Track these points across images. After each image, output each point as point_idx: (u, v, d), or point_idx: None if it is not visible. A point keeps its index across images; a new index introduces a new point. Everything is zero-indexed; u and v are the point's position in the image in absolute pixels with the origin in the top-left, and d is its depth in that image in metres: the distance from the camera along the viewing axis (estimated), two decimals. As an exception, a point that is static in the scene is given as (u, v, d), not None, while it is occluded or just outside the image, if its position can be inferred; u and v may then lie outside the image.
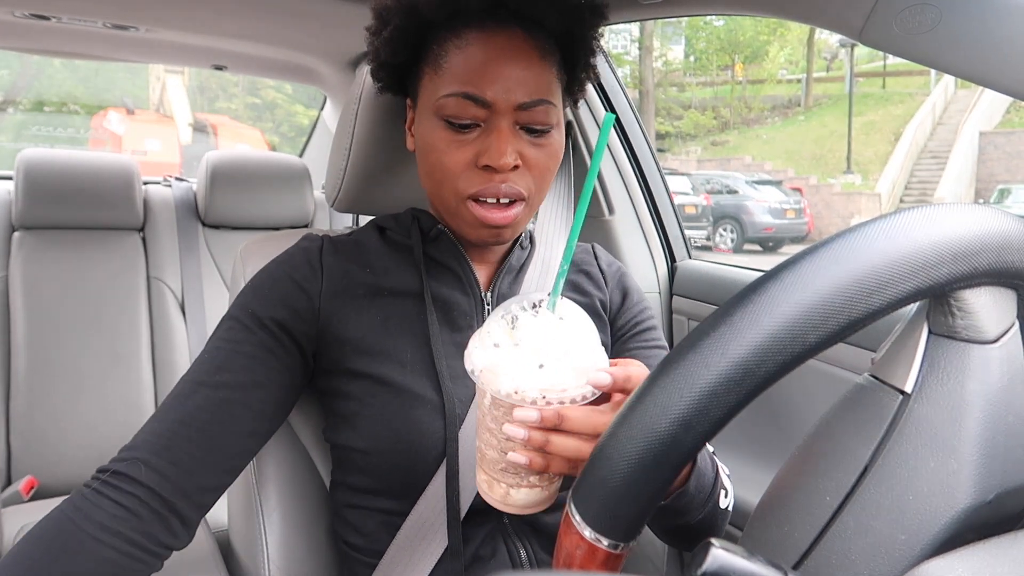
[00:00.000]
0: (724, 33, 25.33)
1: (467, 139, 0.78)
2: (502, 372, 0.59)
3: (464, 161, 0.78)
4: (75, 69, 12.36)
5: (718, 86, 26.35)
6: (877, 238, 0.38)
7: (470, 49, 0.78)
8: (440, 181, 0.80)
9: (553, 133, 0.81)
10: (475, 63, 0.77)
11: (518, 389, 0.58)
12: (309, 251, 0.85)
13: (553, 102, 0.80)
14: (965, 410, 0.39)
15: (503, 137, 0.77)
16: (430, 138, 0.80)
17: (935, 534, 0.38)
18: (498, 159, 0.76)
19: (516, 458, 0.61)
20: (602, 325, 0.93)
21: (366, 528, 0.84)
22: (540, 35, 0.80)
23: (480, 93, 0.76)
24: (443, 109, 0.78)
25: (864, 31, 0.83)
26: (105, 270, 1.92)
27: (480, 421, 0.64)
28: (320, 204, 2.24)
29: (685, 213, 13.00)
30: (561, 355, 0.59)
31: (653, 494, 0.42)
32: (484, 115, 0.77)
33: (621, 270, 1.00)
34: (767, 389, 0.39)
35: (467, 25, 0.79)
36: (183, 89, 11.16)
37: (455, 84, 0.77)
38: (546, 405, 0.59)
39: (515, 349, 0.59)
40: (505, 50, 0.78)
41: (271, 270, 0.84)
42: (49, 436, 1.78)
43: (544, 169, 0.81)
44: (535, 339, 0.59)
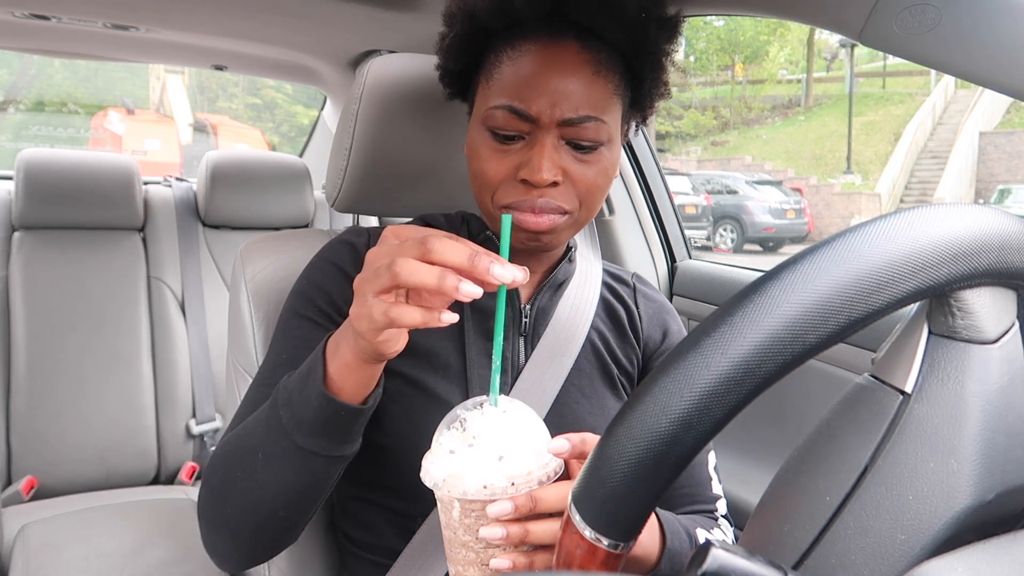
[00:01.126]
0: (724, 33, 25.33)
1: (510, 150, 0.78)
2: (466, 474, 0.58)
3: (504, 172, 0.78)
4: (75, 69, 12.35)
5: (718, 86, 26.35)
6: (877, 238, 0.38)
7: (521, 61, 0.77)
8: (479, 188, 0.80)
9: (602, 150, 0.79)
10: (523, 76, 0.76)
11: (487, 484, 0.58)
12: (356, 246, 0.86)
13: (603, 119, 0.77)
14: (965, 410, 0.39)
15: (543, 152, 0.75)
16: (476, 146, 0.80)
17: (935, 534, 0.38)
18: (535, 174, 0.75)
19: (500, 564, 0.60)
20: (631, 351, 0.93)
21: (369, 521, 0.84)
22: (599, 48, 0.77)
23: (524, 107, 0.75)
24: (489, 120, 0.77)
25: (864, 31, 0.83)
26: (105, 270, 1.92)
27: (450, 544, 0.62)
28: (320, 204, 2.24)
29: (685, 213, 13.00)
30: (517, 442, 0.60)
31: (653, 494, 0.42)
32: (528, 128, 0.76)
33: (662, 308, 0.97)
34: (767, 389, 0.39)
35: (524, 36, 0.78)
36: (183, 89, 11.16)
37: (502, 96, 0.77)
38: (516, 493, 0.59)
39: (472, 449, 0.59)
40: (555, 63, 0.76)
41: (318, 264, 0.85)
42: (49, 436, 1.78)
43: (591, 186, 0.79)
44: (489, 434, 0.59)
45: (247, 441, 0.71)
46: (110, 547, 1.40)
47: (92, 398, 1.83)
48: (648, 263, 1.62)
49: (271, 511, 0.70)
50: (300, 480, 0.69)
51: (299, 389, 0.67)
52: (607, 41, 0.78)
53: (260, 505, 0.70)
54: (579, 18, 0.77)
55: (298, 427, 0.66)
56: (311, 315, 0.82)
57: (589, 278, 0.93)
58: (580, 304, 0.90)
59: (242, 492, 0.70)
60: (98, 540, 1.42)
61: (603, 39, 0.78)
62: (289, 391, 0.68)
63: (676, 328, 0.96)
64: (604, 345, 0.91)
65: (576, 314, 0.89)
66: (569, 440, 0.62)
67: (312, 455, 0.67)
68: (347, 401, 0.66)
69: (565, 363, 0.86)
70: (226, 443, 0.74)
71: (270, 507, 0.70)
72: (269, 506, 0.70)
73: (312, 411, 0.66)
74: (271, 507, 0.70)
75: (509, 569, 0.60)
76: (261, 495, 0.69)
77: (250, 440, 0.70)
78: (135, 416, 1.86)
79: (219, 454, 0.74)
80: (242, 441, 0.71)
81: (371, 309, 0.59)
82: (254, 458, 0.69)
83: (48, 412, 1.79)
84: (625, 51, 0.79)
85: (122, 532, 1.45)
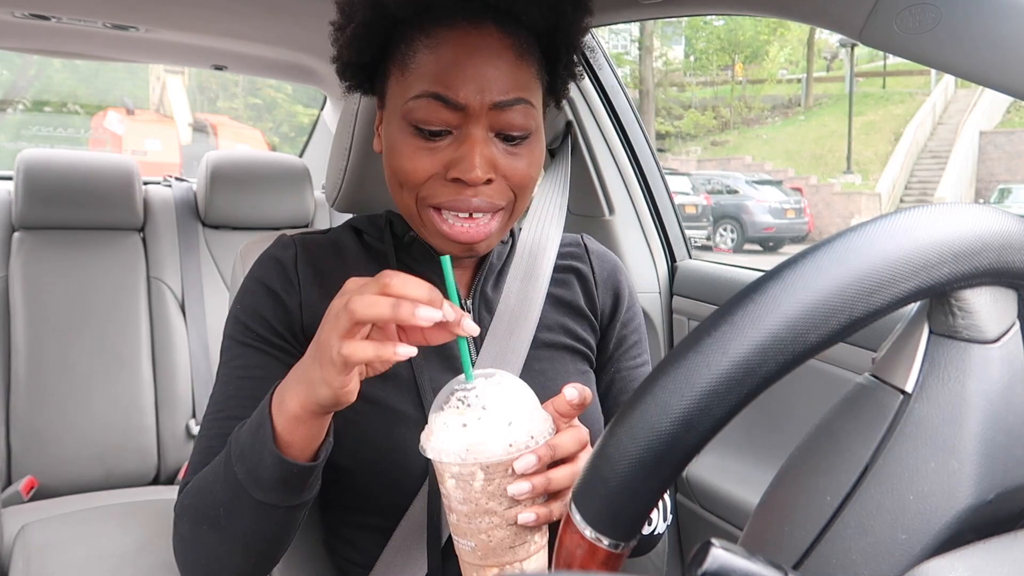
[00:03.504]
0: (724, 33, 25.33)
1: (437, 147, 0.73)
2: (488, 439, 0.60)
3: (431, 170, 0.73)
4: (75, 69, 12.35)
5: (718, 86, 26.35)
6: (878, 238, 0.38)
7: (441, 48, 0.72)
8: (401, 185, 0.75)
9: (532, 140, 0.76)
10: (446, 62, 0.72)
11: (512, 443, 0.60)
12: (283, 262, 0.82)
13: (532, 102, 0.74)
14: (965, 410, 0.39)
15: (475, 148, 0.71)
16: (395, 143, 0.75)
17: (935, 534, 0.38)
18: (469, 171, 0.71)
19: (527, 518, 0.62)
20: (586, 324, 0.91)
21: (359, 542, 0.84)
22: (518, 32, 0.75)
23: (451, 94, 0.71)
24: (412, 113, 0.72)
25: (864, 31, 0.83)
26: (105, 270, 1.92)
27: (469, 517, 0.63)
28: (320, 204, 2.24)
29: (685, 213, 12.99)
30: (520, 406, 0.63)
31: (654, 493, 0.41)
32: (456, 120, 0.72)
33: (615, 268, 0.94)
34: (768, 389, 0.39)
35: (437, 23, 0.73)
36: (183, 89, 11.16)
37: (424, 84, 0.72)
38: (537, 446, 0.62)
39: (482, 420, 0.61)
40: (479, 48, 0.72)
41: (249, 286, 0.82)
42: (49, 436, 1.78)
43: (524, 177, 0.75)
44: (495, 403, 0.62)
45: (207, 496, 0.70)
46: (110, 547, 1.40)
47: (92, 398, 1.83)
48: (648, 263, 1.62)
49: (243, 557, 0.71)
50: (264, 529, 0.69)
51: (250, 445, 0.66)
52: (524, 24, 0.75)
53: (232, 554, 0.71)
54: (497, 1, 0.73)
55: (254, 483, 0.66)
56: (250, 341, 0.79)
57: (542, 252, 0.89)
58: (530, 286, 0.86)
59: (211, 544, 0.71)
60: (98, 540, 1.42)
61: (520, 22, 0.75)
62: (241, 446, 0.67)
63: (627, 289, 0.94)
64: (560, 318, 0.88)
65: (526, 295, 0.86)
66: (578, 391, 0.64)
67: (272, 507, 0.67)
68: (298, 457, 0.65)
69: (520, 348, 0.83)
70: (189, 494, 0.74)
71: (241, 555, 0.71)
72: (240, 554, 0.71)
73: (266, 469, 0.65)
74: (242, 554, 0.71)
75: (535, 521, 0.62)
76: (230, 546, 0.70)
77: (210, 495, 0.70)
78: (135, 416, 1.86)
79: (185, 505, 0.74)
80: (203, 495, 0.71)
81: (329, 350, 0.58)
82: (216, 513, 0.69)
83: (48, 412, 1.79)
84: (542, 33, 0.77)
85: (122, 532, 1.45)
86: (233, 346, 0.80)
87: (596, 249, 0.96)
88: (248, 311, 0.81)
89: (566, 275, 0.91)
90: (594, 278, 0.92)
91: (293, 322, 0.80)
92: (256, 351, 0.79)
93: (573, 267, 0.92)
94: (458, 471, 0.61)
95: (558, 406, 0.65)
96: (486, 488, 0.61)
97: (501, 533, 0.63)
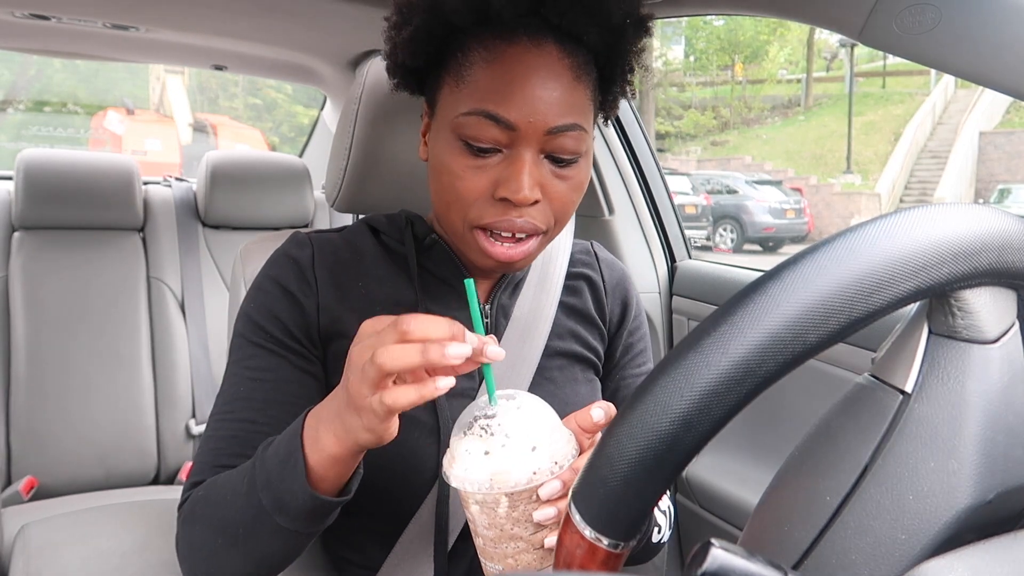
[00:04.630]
0: (724, 33, 25.33)
1: (486, 164, 0.71)
2: (512, 468, 0.60)
3: (479, 189, 0.72)
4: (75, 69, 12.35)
5: (718, 86, 26.34)
6: (878, 238, 0.38)
7: (497, 63, 0.70)
8: (449, 204, 0.74)
9: (581, 163, 0.74)
10: (502, 79, 0.70)
11: (536, 470, 0.60)
12: (300, 262, 0.81)
13: (585, 127, 0.73)
14: (965, 410, 0.39)
15: (525, 168, 0.70)
16: (445, 158, 0.73)
17: (935, 534, 0.38)
18: (517, 192, 0.69)
19: (553, 542, 0.61)
20: (595, 332, 0.91)
21: (362, 545, 0.84)
22: (577, 51, 0.73)
23: (504, 113, 0.69)
24: (462, 128, 0.71)
25: (864, 31, 0.83)
26: (105, 270, 1.92)
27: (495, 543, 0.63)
28: (320, 204, 2.24)
29: (685, 213, 12.99)
30: (543, 431, 0.62)
31: (653, 493, 0.41)
32: (507, 140, 0.70)
33: (624, 277, 0.95)
34: (767, 388, 0.39)
35: (496, 35, 0.71)
36: (183, 89, 11.16)
37: (477, 101, 0.70)
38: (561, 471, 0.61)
39: (506, 448, 0.60)
40: (536, 68, 0.70)
41: (263, 285, 0.81)
42: (49, 436, 1.78)
43: (567, 202, 0.74)
44: (518, 431, 0.61)
45: (225, 513, 0.69)
46: (110, 547, 1.40)
47: (92, 398, 1.83)
48: (648, 263, 1.62)
49: (255, 568, 0.71)
50: (283, 549, 0.69)
51: (279, 476, 0.64)
52: (584, 44, 0.73)
53: (245, 565, 0.70)
54: (559, 20, 0.71)
55: (280, 512, 0.65)
56: (263, 342, 0.78)
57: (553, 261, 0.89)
58: (543, 294, 0.87)
59: (225, 559, 0.70)
60: (98, 540, 1.42)
61: (581, 42, 0.73)
62: (268, 474, 0.65)
63: (635, 297, 0.94)
64: (571, 325, 0.89)
65: (539, 303, 0.86)
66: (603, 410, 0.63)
67: (295, 532, 0.66)
68: (330, 491, 0.65)
69: (533, 356, 0.84)
70: (201, 502, 0.72)
71: (254, 566, 0.70)
72: (253, 565, 0.70)
73: (295, 501, 0.64)
74: (255, 566, 0.70)
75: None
76: (244, 562, 0.70)
77: (228, 512, 0.69)
78: (135, 416, 1.86)
79: (196, 514, 0.73)
80: (219, 509, 0.70)
81: (370, 405, 0.57)
82: (235, 531, 0.68)
83: (48, 412, 1.79)
84: (599, 54, 0.75)
85: (122, 532, 1.45)
86: (245, 345, 0.79)
87: (606, 257, 0.96)
88: (263, 311, 0.79)
89: (577, 282, 0.92)
90: (604, 286, 0.93)
91: (310, 325, 0.79)
92: (269, 353, 0.78)
93: (584, 275, 0.93)
94: (482, 498, 0.61)
95: (582, 422, 0.64)
96: (511, 514, 0.61)
97: (528, 557, 0.63)
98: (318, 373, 0.80)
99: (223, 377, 0.80)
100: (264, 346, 0.78)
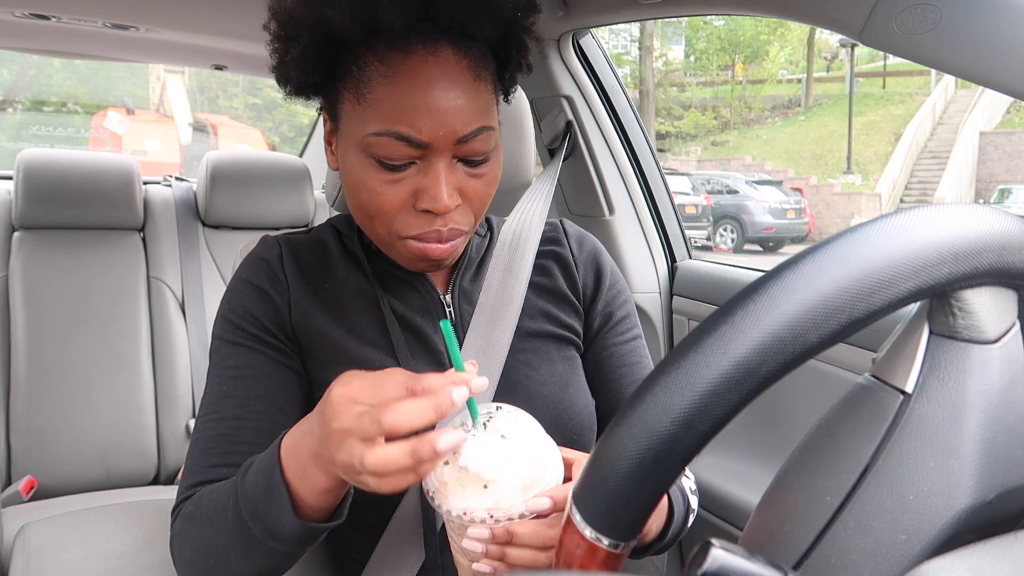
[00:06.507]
0: (724, 33, 25.33)
1: (402, 177, 0.72)
2: (451, 494, 0.59)
3: (399, 202, 0.73)
4: (75, 69, 12.36)
5: (718, 86, 26.35)
6: (878, 238, 0.38)
7: (397, 78, 0.69)
8: (372, 218, 0.75)
9: (492, 159, 0.75)
10: (404, 96, 0.69)
11: (466, 511, 0.59)
12: (270, 261, 0.83)
13: (492, 126, 0.74)
14: (965, 410, 0.39)
15: (441, 177, 0.71)
16: (359, 175, 0.73)
17: (935, 534, 0.38)
18: (438, 203, 0.71)
19: (481, 568, 0.61)
20: (569, 309, 0.90)
21: (355, 539, 0.84)
22: (471, 49, 0.73)
23: (414, 133, 0.69)
24: (373, 148, 0.71)
25: (864, 31, 0.83)
26: (105, 270, 1.92)
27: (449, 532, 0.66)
28: (320, 204, 2.24)
29: (685, 213, 12.99)
30: (506, 473, 0.59)
31: (654, 494, 0.41)
32: (419, 154, 0.71)
33: (595, 249, 0.94)
34: (768, 389, 0.39)
35: (390, 45, 0.70)
36: (183, 89, 11.17)
37: (385, 122, 0.70)
38: (495, 523, 0.59)
39: (460, 471, 0.59)
40: (437, 79, 0.70)
41: (236, 286, 0.82)
42: (49, 436, 1.78)
43: (484, 197, 0.76)
44: (478, 462, 0.59)
45: (217, 536, 0.69)
46: (110, 547, 1.40)
47: (92, 398, 1.83)
48: (648, 263, 1.62)
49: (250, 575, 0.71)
50: (278, 565, 0.69)
51: (265, 508, 0.64)
52: (477, 40, 0.74)
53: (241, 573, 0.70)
54: (451, 22, 0.71)
55: (272, 538, 0.65)
56: (241, 340, 0.79)
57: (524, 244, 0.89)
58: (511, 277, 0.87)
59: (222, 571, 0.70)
60: (98, 540, 1.42)
61: (475, 38, 0.73)
62: (254, 504, 0.65)
63: (609, 267, 0.93)
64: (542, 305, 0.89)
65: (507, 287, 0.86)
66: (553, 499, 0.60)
67: (289, 553, 0.67)
68: (319, 517, 0.66)
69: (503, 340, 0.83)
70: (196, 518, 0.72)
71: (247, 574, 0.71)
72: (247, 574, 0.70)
73: (286, 531, 0.64)
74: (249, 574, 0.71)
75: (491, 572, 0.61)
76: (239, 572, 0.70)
77: (219, 536, 0.69)
78: (135, 416, 1.86)
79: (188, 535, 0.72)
80: (210, 534, 0.70)
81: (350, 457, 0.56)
82: (227, 553, 0.68)
83: (48, 412, 1.79)
84: (494, 44, 0.76)
85: (122, 532, 1.45)
86: (223, 346, 0.80)
87: (574, 231, 0.95)
88: (237, 310, 0.80)
89: (546, 261, 0.91)
90: (574, 260, 0.92)
91: (283, 321, 0.81)
92: (247, 350, 0.79)
93: (553, 252, 0.92)
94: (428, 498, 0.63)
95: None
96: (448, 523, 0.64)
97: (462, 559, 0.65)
98: (296, 367, 0.81)
99: (206, 381, 0.81)
100: (242, 344, 0.79)
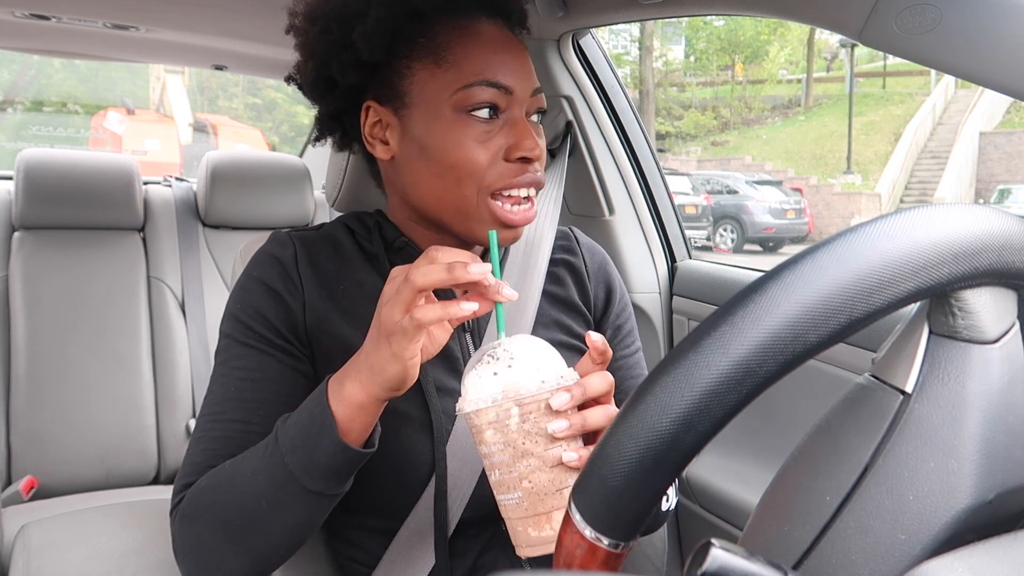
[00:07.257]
0: (724, 33, 25.33)
1: (492, 131, 0.76)
2: (519, 380, 0.63)
3: (492, 155, 0.75)
4: (75, 69, 12.36)
5: (718, 86, 26.35)
6: (878, 238, 0.38)
7: (474, 38, 0.77)
8: (460, 180, 0.75)
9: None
10: (484, 53, 0.76)
11: (543, 379, 0.63)
12: (283, 261, 0.81)
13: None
14: (965, 410, 0.39)
15: (527, 126, 0.76)
16: (451, 135, 0.75)
17: (935, 534, 0.38)
18: (534, 149, 0.75)
19: (571, 456, 0.63)
20: (580, 320, 0.91)
21: (362, 542, 0.84)
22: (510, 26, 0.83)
23: (503, 79, 0.75)
24: (466, 100, 0.74)
25: (864, 31, 0.83)
26: (105, 270, 1.92)
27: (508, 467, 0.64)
28: (320, 204, 2.24)
29: (685, 213, 12.99)
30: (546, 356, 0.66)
31: (654, 493, 0.42)
32: (505, 104, 0.76)
33: (605, 261, 0.96)
34: (767, 389, 0.39)
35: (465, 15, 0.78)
36: (183, 89, 11.17)
37: (470, 75, 0.75)
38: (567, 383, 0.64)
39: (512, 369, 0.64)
40: (503, 39, 0.79)
41: (248, 284, 0.81)
42: (49, 436, 1.78)
43: (544, 153, 0.80)
44: (522, 354, 0.65)
45: (245, 489, 0.70)
46: (110, 547, 1.40)
47: (92, 398, 1.83)
48: (648, 263, 1.62)
49: (272, 550, 0.72)
50: (304, 519, 0.70)
51: (305, 436, 0.67)
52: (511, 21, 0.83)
53: (262, 546, 0.71)
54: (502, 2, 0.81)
55: (307, 472, 0.67)
56: (251, 341, 0.78)
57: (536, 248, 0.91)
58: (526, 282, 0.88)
59: (241, 538, 0.71)
60: (98, 540, 1.42)
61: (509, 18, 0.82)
62: (292, 439, 0.68)
63: (617, 279, 0.96)
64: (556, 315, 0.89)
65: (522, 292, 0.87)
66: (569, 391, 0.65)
67: (319, 495, 0.69)
68: (356, 444, 0.68)
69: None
70: (206, 492, 0.73)
71: (271, 547, 0.72)
72: (271, 546, 0.71)
73: (326, 458, 0.67)
74: (272, 547, 0.72)
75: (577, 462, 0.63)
76: (264, 539, 0.71)
77: (249, 488, 0.70)
78: (135, 416, 1.86)
79: (202, 506, 0.73)
80: (237, 489, 0.71)
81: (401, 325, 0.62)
82: (256, 504, 0.69)
83: (48, 412, 1.79)
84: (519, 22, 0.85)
85: (122, 532, 1.45)
86: (232, 346, 0.79)
87: (586, 242, 0.97)
88: (248, 310, 0.79)
89: (559, 269, 0.92)
90: (586, 271, 0.93)
91: (296, 324, 0.79)
92: (257, 352, 0.78)
93: (566, 261, 0.93)
94: (494, 416, 0.63)
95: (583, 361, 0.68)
96: (522, 427, 0.63)
97: (543, 477, 0.64)
98: (307, 371, 0.80)
99: (211, 378, 0.80)
100: (252, 345, 0.78)
